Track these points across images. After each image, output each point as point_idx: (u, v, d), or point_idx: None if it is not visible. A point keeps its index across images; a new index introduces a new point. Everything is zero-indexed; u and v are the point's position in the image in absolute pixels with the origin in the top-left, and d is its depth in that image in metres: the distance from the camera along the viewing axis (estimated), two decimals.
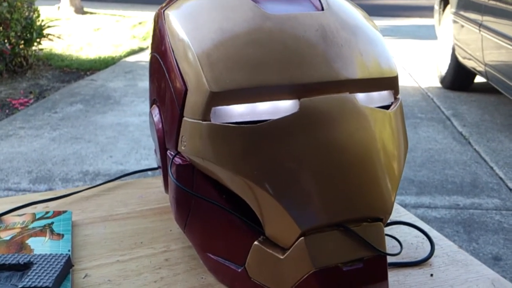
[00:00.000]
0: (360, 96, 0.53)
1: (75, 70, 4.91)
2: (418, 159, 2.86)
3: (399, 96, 0.58)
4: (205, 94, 0.50)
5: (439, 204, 2.36)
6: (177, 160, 0.55)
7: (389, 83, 0.56)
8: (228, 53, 0.51)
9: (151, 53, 0.65)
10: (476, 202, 2.38)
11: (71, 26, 7.08)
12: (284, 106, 0.51)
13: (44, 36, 4.88)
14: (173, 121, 0.56)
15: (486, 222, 2.20)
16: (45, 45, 5.47)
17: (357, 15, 0.58)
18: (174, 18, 0.57)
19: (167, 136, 0.59)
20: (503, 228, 2.16)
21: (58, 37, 5.22)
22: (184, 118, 0.54)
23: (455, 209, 2.32)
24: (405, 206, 2.33)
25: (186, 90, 0.53)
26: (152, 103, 0.66)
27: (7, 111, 3.71)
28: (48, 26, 4.96)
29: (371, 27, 0.58)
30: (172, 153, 0.57)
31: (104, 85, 4.37)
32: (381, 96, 0.56)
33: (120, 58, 5.43)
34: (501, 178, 2.63)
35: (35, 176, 2.61)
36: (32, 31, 4.69)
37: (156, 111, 0.63)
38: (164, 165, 0.61)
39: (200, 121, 0.51)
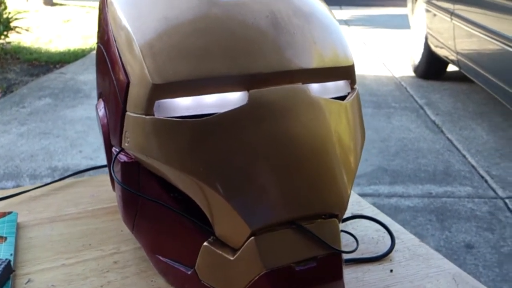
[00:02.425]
0: (314, 87, 0.51)
1: (44, 63, 4.80)
2: (392, 149, 2.86)
3: (355, 86, 0.55)
4: (147, 87, 0.47)
5: (412, 193, 2.36)
6: (122, 157, 0.52)
7: (345, 72, 0.53)
8: (171, 42, 0.47)
9: (97, 43, 0.61)
10: (449, 190, 2.39)
11: (40, 18, 6.92)
12: (232, 99, 0.48)
13: (11, 29, 4.77)
14: (116, 115, 0.53)
15: (459, 210, 2.21)
16: (13, 38, 5.33)
17: (312, 1, 0.55)
18: (117, 5, 0.53)
19: (112, 131, 0.55)
20: (476, 215, 2.17)
21: (26, 30, 5.09)
22: (127, 113, 0.50)
23: (428, 197, 2.32)
24: (378, 196, 2.33)
25: (129, 82, 0.50)
26: (99, 96, 0.62)
27: None
28: (16, 19, 4.84)
29: (326, 14, 0.55)
30: (116, 149, 0.54)
31: (73, 78, 4.28)
32: (337, 87, 0.53)
33: (90, 50, 5.33)
34: (473, 166, 2.65)
35: (2, 172, 2.54)
36: None
37: (101, 105, 0.59)
38: (109, 163, 0.58)
39: (143, 116, 0.48)
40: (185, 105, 0.48)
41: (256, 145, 0.46)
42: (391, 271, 0.55)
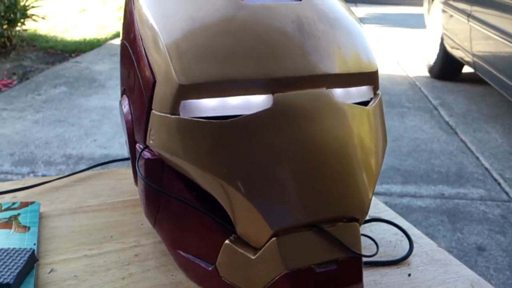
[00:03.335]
0: (338, 92, 0.51)
1: (60, 52, 4.83)
2: (404, 148, 2.86)
3: (378, 91, 0.55)
4: (174, 87, 0.47)
5: (425, 193, 2.36)
6: (146, 154, 0.53)
7: (369, 78, 0.53)
8: (198, 43, 0.48)
9: (121, 40, 0.62)
10: (461, 192, 2.38)
11: (56, 7, 6.95)
12: (257, 101, 0.48)
13: (28, 17, 4.79)
14: (141, 113, 0.54)
15: (471, 212, 2.21)
16: (29, 26, 5.37)
17: (337, 6, 0.55)
18: (144, 3, 0.54)
19: (136, 128, 0.56)
20: (488, 218, 2.16)
21: (43, 18, 5.12)
22: (153, 111, 0.51)
23: (440, 198, 2.32)
24: (390, 195, 2.33)
25: (155, 81, 0.50)
26: (123, 92, 0.63)
27: None
28: (32, 7, 4.86)
29: (351, 19, 0.55)
30: (141, 146, 0.55)
31: (89, 68, 4.31)
32: (360, 92, 0.53)
33: (106, 40, 5.35)
34: (486, 169, 2.63)
35: (17, 158, 2.57)
36: (16, 11, 4.59)
37: (125, 101, 0.60)
38: (133, 158, 0.59)
39: (169, 115, 0.49)
40: (210, 106, 0.48)
41: (279, 148, 0.46)
42: (409, 275, 0.56)
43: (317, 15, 0.52)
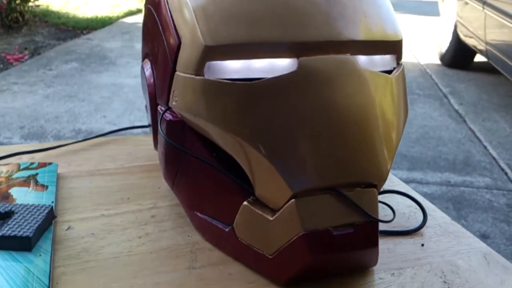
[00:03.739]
0: (362, 59, 0.51)
1: (71, 28, 4.83)
2: (413, 135, 2.85)
3: (401, 61, 0.56)
4: (200, 48, 0.48)
5: (431, 180, 2.36)
6: (168, 116, 0.54)
7: (393, 47, 0.54)
8: (225, 6, 0.48)
9: (145, 5, 0.62)
10: (468, 180, 2.38)
11: None
12: (282, 65, 0.49)
13: None
14: (165, 75, 0.54)
15: (476, 200, 2.21)
16: (42, 2, 5.37)
17: None
18: None
19: (158, 91, 0.57)
20: (493, 207, 2.16)
21: None
22: (177, 73, 0.52)
23: (446, 185, 2.32)
24: None
25: (180, 43, 0.51)
26: (144, 57, 0.63)
27: (1, 66, 3.65)
28: None
29: None
30: (163, 108, 0.55)
31: (100, 45, 4.31)
32: (384, 60, 0.54)
33: (118, 18, 5.34)
34: (494, 158, 2.63)
35: (27, 132, 2.58)
36: None
37: (148, 65, 0.61)
38: (154, 121, 0.60)
39: (193, 76, 0.49)
40: (235, 68, 0.49)
41: (301, 111, 0.47)
42: (422, 245, 0.56)
43: None
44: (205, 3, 0.49)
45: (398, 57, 0.55)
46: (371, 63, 0.52)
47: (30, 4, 4.81)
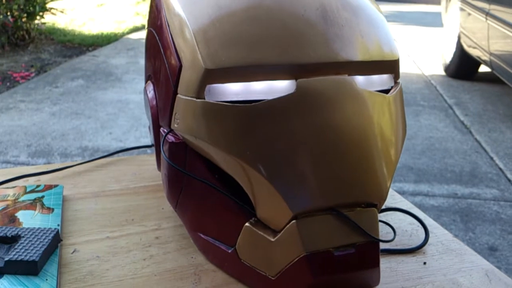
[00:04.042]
0: (359, 79, 0.52)
1: (77, 45, 4.88)
2: (418, 147, 2.85)
3: (399, 80, 0.56)
4: (200, 71, 0.49)
5: (437, 192, 2.36)
6: (170, 138, 0.54)
7: (390, 66, 0.54)
8: (224, 29, 0.49)
9: (148, 27, 0.64)
10: (475, 192, 2.37)
11: (74, 0, 7.01)
12: (280, 86, 0.49)
13: (47, 10, 4.84)
14: (167, 97, 0.55)
15: (484, 212, 2.20)
16: (48, 19, 5.43)
17: None
18: None
19: (161, 113, 0.57)
20: (501, 219, 2.15)
21: (61, 12, 5.17)
22: (178, 95, 0.52)
23: (453, 198, 2.31)
24: (403, 193, 2.33)
25: (181, 66, 0.52)
26: (147, 79, 0.65)
27: (8, 84, 3.69)
28: (51, 0, 4.91)
29: (373, 8, 0.56)
30: (165, 130, 0.56)
31: (106, 62, 4.34)
32: (381, 80, 0.54)
33: (123, 34, 5.39)
34: (500, 169, 2.62)
35: (34, 150, 2.60)
36: (35, 4, 4.64)
37: (150, 87, 0.62)
38: (157, 143, 0.60)
39: (194, 99, 0.50)
40: (234, 90, 0.49)
41: (301, 132, 0.48)
42: (425, 263, 0.56)
43: (340, 3, 0.53)
44: (205, 26, 0.50)
45: (396, 76, 0.56)
46: (368, 83, 0.53)
47: (36, 22, 4.87)
